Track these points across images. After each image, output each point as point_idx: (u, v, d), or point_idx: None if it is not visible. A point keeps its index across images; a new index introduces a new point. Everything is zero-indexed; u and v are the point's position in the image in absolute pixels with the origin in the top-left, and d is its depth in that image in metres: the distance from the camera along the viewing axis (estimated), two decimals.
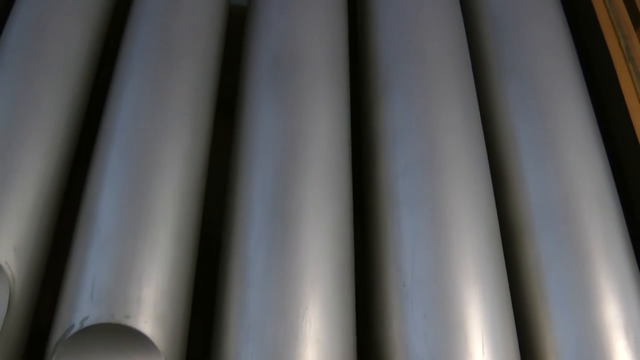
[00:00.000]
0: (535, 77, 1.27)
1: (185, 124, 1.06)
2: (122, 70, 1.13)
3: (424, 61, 1.20)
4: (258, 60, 1.17)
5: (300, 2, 1.26)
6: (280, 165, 1.02)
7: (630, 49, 1.45)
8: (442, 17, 1.30)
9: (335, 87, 1.16)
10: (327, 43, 1.20)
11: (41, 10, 1.17)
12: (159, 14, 1.19)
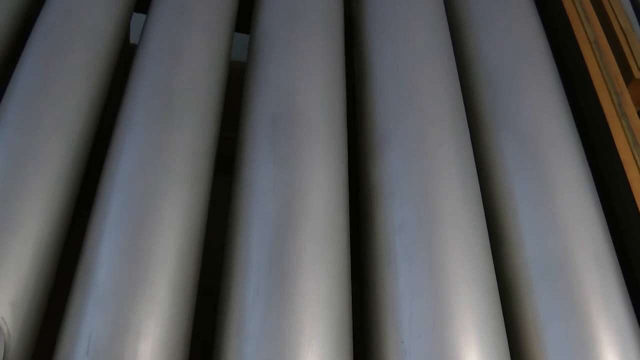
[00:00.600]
0: (530, 132, 1.29)
1: (185, 178, 1.07)
2: (123, 124, 1.15)
3: (420, 118, 1.22)
4: (257, 116, 1.19)
5: (299, 59, 1.28)
6: (278, 220, 1.03)
7: (623, 105, 1.48)
8: (438, 76, 1.32)
9: (332, 143, 1.18)
10: (325, 100, 1.22)
11: (44, 67, 1.18)
12: (161, 69, 1.21)
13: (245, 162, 1.14)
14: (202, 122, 1.17)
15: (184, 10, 1.34)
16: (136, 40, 1.53)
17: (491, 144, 1.31)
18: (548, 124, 1.31)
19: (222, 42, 1.35)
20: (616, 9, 1.86)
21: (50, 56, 1.20)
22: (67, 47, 1.23)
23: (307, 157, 1.11)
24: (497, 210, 1.24)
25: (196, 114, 1.17)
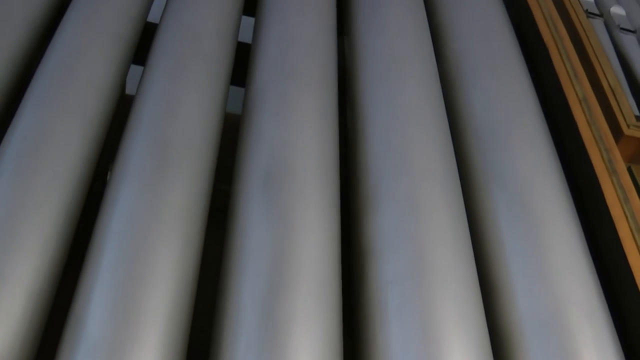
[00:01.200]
0: (522, 189, 1.30)
1: (178, 231, 1.08)
2: (118, 176, 1.15)
3: (412, 175, 1.23)
4: (251, 171, 1.20)
5: (293, 115, 1.30)
6: (270, 275, 1.03)
7: (613, 161, 1.49)
8: (430, 134, 1.34)
9: (325, 199, 1.18)
10: (318, 156, 1.23)
11: (42, 118, 1.20)
12: (157, 122, 1.23)
13: (238, 216, 1.14)
14: (197, 176, 1.17)
15: (180, 64, 1.36)
16: (131, 90, 1.55)
17: (483, 201, 1.32)
18: (539, 180, 1.32)
19: (218, 95, 1.37)
20: (604, 67, 1.89)
21: (49, 108, 1.22)
22: (65, 100, 1.24)
23: (300, 214, 1.12)
24: (489, 266, 1.24)
25: (191, 167, 1.17)
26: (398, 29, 1.62)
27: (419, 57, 1.55)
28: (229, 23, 1.56)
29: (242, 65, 1.56)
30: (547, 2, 2.00)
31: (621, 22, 2.25)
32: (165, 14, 1.55)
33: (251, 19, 1.75)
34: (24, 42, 1.43)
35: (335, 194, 1.23)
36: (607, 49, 2.09)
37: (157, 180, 1.12)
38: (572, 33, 2.02)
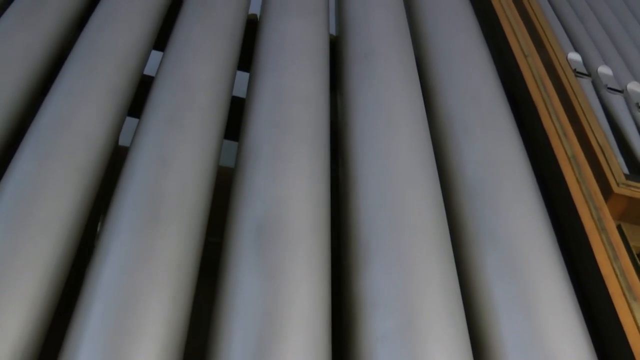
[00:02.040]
0: (512, 245, 1.30)
1: (168, 285, 1.07)
2: (109, 229, 1.15)
3: (403, 230, 1.24)
4: (243, 224, 1.20)
5: (286, 170, 1.31)
6: (261, 329, 1.02)
7: (602, 219, 1.50)
8: (421, 189, 1.35)
9: (317, 254, 1.19)
10: (310, 211, 1.24)
11: (36, 169, 1.20)
12: (150, 175, 1.23)
13: (229, 270, 1.14)
14: (189, 229, 1.18)
15: (174, 117, 1.38)
16: (124, 142, 1.56)
17: (474, 257, 1.33)
18: (530, 238, 1.33)
19: (212, 149, 1.38)
20: (593, 126, 1.92)
21: (43, 158, 1.23)
22: (59, 151, 1.25)
23: (291, 268, 1.12)
24: (480, 323, 1.24)
25: (183, 221, 1.18)
26: (388, 84, 1.64)
27: (410, 113, 1.57)
28: (223, 78, 1.58)
29: (236, 119, 1.58)
30: (536, 62, 2.04)
31: (608, 82, 2.29)
32: (161, 67, 1.57)
33: (246, 74, 1.78)
34: (23, 92, 1.45)
35: (326, 249, 1.23)
36: (595, 108, 2.12)
37: (149, 233, 1.12)
38: (561, 92, 2.06)
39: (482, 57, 1.93)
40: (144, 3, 1.76)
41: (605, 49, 2.55)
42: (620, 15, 2.94)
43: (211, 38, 1.67)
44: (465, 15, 2.14)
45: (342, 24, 1.99)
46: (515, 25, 2.21)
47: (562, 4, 2.84)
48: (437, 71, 1.85)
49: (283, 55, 1.67)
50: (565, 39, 2.52)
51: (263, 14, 1.93)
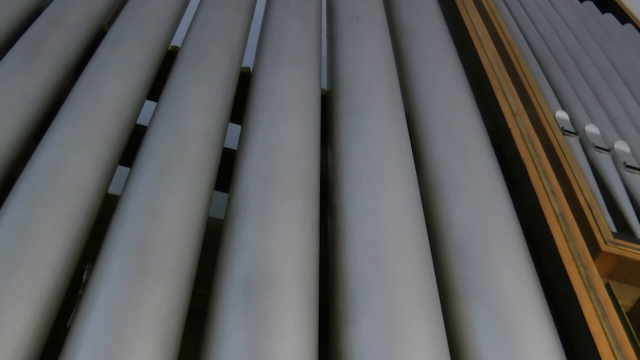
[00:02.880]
0: (500, 303, 1.30)
1: (155, 336, 1.06)
2: (97, 278, 1.14)
3: (391, 285, 1.24)
4: (230, 276, 1.20)
5: (275, 223, 1.31)
6: None
7: (590, 278, 1.51)
8: (410, 244, 1.35)
9: (304, 308, 1.18)
10: (298, 264, 1.24)
11: (25, 216, 1.20)
12: (139, 226, 1.23)
13: (216, 322, 1.13)
14: (177, 280, 1.17)
15: (166, 167, 1.38)
16: (115, 189, 1.56)
17: (462, 314, 1.32)
18: (518, 295, 1.32)
19: (202, 200, 1.38)
20: (581, 184, 1.94)
21: (34, 205, 1.22)
22: (50, 198, 1.25)
23: (278, 322, 1.11)
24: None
25: (171, 271, 1.17)
26: (379, 138, 1.66)
27: (400, 168, 1.58)
28: (215, 129, 1.59)
29: (227, 171, 1.58)
30: (524, 121, 2.06)
31: (596, 141, 2.32)
32: (154, 117, 1.58)
33: (238, 126, 1.79)
34: (17, 137, 1.45)
35: (314, 302, 1.22)
36: (583, 166, 2.14)
37: (137, 282, 1.12)
38: (549, 151, 2.08)
39: (471, 113, 1.95)
40: (139, 54, 1.78)
41: (592, 107, 2.59)
42: (606, 74, 3.00)
43: (205, 90, 1.69)
44: (456, 71, 2.18)
45: (333, 78, 2.02)
46: (504, 84, 2.24)
47: (550, 62, 2.89)
48: (427, 126, 1.87)
49: (274, 108, 1.69)
50: (552, 98, 2.56)
51: (256, 67, 1.95)
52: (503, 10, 3.35)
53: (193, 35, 1.96)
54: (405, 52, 2.30)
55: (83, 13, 1.95)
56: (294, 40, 2.06)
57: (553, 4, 3.75)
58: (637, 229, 1.93)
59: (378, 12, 2.49)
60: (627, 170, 2.19)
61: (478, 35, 2.52)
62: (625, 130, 2.51)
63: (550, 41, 3.15)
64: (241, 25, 2.13)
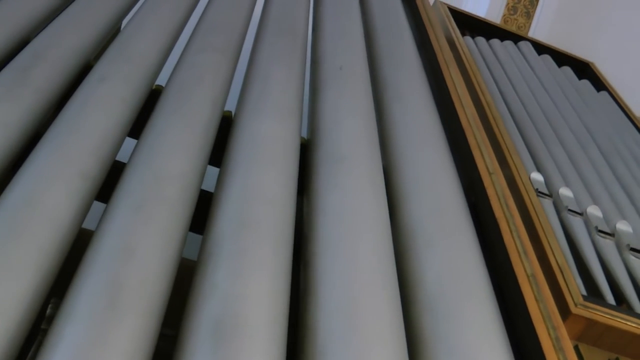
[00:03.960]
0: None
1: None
2: (64, 315, 1.13)
3: (361, 338, 1.24)
4: (200, 319, 1.19)
5: (248, 266, 1.31)
6: None
7: (560, 339, 1.51)
8: (381, 299, 1.35)
9: (273, 352, 1.18)
10: (269, 312, 1.24)
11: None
12: (112, 264, 1.22)
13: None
14: (146, 322, 1.16)
15: (142, 206, 1.38)
16: (89, 225, 1.55)
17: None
18: (488, 353, 1.33)
19: (176, 242, 1.38)
20: (553, 246, 1.96)
21: (6, 238, 1.21)
22: (23, 232, 1.24)
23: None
24: None
25: (141, 312, 1.16)
26: (355, 191, 1.67)
27: (375, 221, 1.59)
28: (194, 171, 1.59)
29: (203, 213, 1.58)
30: (500, 180, 2.09)
31: (569, 204, 2.35)
32: (134, 156, 1.58)
33: (216, 169, 1.79)
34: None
35: (282, 351, 1.22)
36: (556, 228, 2.17)
37: (105, 321, 1.10)
38: (523, 211, 2.10)
39: (448, 171, 1.97)
40: (123, 91, 1.79)
41: (566, 171, 2.64)
42: (582, 139, 3.06)
43: (185, 131, 1.69)
44: (435, 129, 2.20)
45: (314, 127, 2.04)
46: (481, 143, 2.27)
47: (527, 125, 2.95)
48: (404, 181, 1.89)
49: (254, 154, 1.69)
50: (528, 159, 2.60)
51: (238, 112, 1.96)
52: (484, 72, 3.42)
53: (178, 76, 1.97)
54: (386, 106, 2.33)
55: (70, 47, 1.96)
56: (277, 88, 2.08)
57: (532, 68, 3.83)
58: (607, 293, 1.95)
59: (361, 64, 2.52)
60: (599, 234, 2.22)
61: (458, 95, 2.57)
62: (598, 195, 2.55)
63: (529, 104, 3.21)
64: (226, 69, 2.15)
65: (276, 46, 2.39)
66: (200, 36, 2.29)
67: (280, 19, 2.66)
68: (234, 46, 2.37)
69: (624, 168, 2.91)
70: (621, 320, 1.79)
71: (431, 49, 3.06)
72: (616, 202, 2.57)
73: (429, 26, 3.26)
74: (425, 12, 3.43)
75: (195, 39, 2.28)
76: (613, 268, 2.09)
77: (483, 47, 3.87)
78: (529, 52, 4.07)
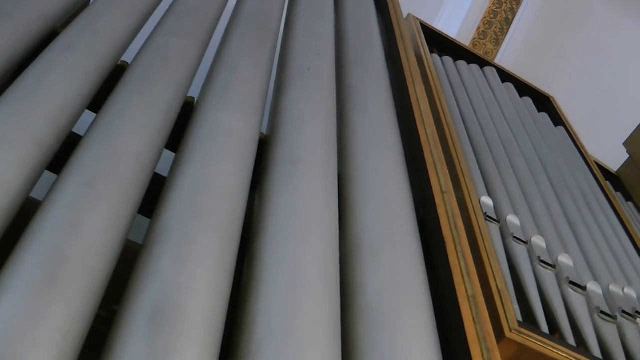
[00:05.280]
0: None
1: (51, 352, 1.02)
2: (2, 282, 1.10)
3: (298, 341, 1.24)
4: (139, 303, 1.17)
5: (193, 255, 1.30)
6: None
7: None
8: (320, 305, 1.36)
9: (209, 344, 1.17)
10: (209, 302, 1.23)
11: None
12: (56, 234, 1.19)
13: (116, 347, 1.10)
14: (83, 298, 1.13)
15: (93, 184, 1.35)
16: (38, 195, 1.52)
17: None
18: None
19: (123, 222, 1.36)
20: (495, 270, 1.99)
21: None
22: None
23: (180, 356, 1.09)
24: None
25: (80, 290, 1.14)
26: (308, 194, 1.67)
27: (324, 226, 1.59)
28: (150, 154, 1.57)
29: (154, 196, 1.56)
30: (451, 200, 2.11)
31: (515, 231, 2.40)
32: (91, 130, 1.56)
33: (172, 154, 1.78)
34: None
35: (218, 343, 1.21)
36: (499, 253, 2.20)
37: (42, 295, 1.08)
38: (470, 233, 2.13)
39: (401, 183, 1.99)
40: (87, 64, 1.75)
41: (516, 199, 2.69)
42: (534, 170, 3.12)
43: (146, 112, 1.67)
44: (394, 141, 2.22)
45: (274, 125, 2.03)
46: (437, 162, 2.30)
47: (483, 149, 2.99)
48: (357, 189, 1.89)
49: (212, 145, 1.68)
50: (480, 183, 2.64)
51: (201, 99, 1.95)
52: (447, 92, 3.47)
53: (145, 56, 1.95)
54: (348, 113, 2.34)
55: (38, 10, 1.92)
56: (242, 81, 2.07)
57: (495, 94, 3.90)
58: (542, 321, 1.99)
59: (329, 69, 2.53)
60: (541, 264, 2.27)
61: (421, 111, 2.59)
62: (544, 226, 2.60)
63: (487, 129, 3.26)
64: (194, 55, 2.13)
65: (247, 39, 2.38)
66: (172, 19, 2.27)
67: (253, 13, 2.65)
68: (205, 33, 2.35)
69: (571, 203, 2.97)
70: (552, 349, 1.83)
71: (399, 61, 3.08)
72: (560, 236, 2.62)
73: (399, 39, 3.28)
74: (397, 24, 3.45)
75: (167, 21, 2.26)
76: (551, 298, 2.14)
77: (449, 67, 3.92)
78: (493, 78, 4.14)
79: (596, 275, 2.50)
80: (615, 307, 2.34)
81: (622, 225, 3.20)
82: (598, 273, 2.52)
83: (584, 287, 2.33)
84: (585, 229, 2.81)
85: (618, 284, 2.51)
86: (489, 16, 6.39)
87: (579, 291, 2.28)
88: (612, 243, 2.91)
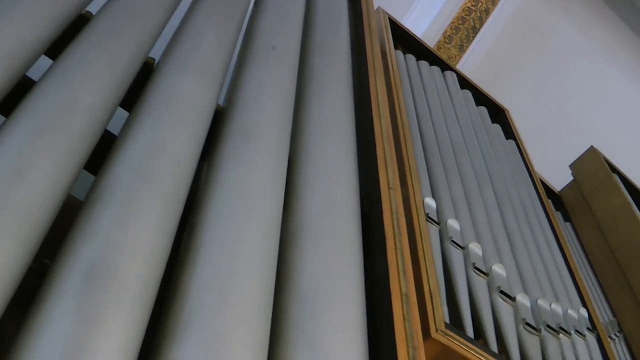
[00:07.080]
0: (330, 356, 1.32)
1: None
2: None
3: (227, 317, 1.24)
4: (74, 261, 1.15)
5: (134, 218, 1.29)
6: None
7: (417, 359, 1.56)
8: (253, 283, 1.35)
9: (139, 309, 1.16)
10: (147, 266, 1.22)
11: None
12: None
13: (45, 303, 1.08)
14: (19, 249, 1.11)
15: (42, 133, 1.32)
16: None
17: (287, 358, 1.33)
18: (346, 356, 1.35)
19: (68, 176, 1.33)
20: (429, 270, 2.02)
21: None
22: None
23: (110, 320, 1.08)
24: None
25: (17, 238, 1.11)
26: (258, 171, 1.66)
27: (269, 206, 1.59)
28: (104, 110, 1.54)
29: (102, 154, 1.53)
30: (397, 197, 2.13)
31: (453, 236, 2.43)
32: (45, 77, 1.52)
33: (126, 113, 1.75)
34: None
35: (149, 310, 1.20)
36: (435, 255, 2.24)
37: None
38: (410, 231, 2.16)
39: (349, 175, 2.00)
40: (48, 7, 1.70)
41: (459, 204, 2.73)
42: (480, 179, 3.17)
43: (105, 67, 1.63)
44: (347, 132, 2.23)
45: (232, 98, 2.02)
46: (388, 158, 2.31)
47: (433, 151, 3.03)
48: (304, 173, 1.90)
49: (167, 109, 1.66)
50: (426, 184, 2.67)
51: (161, 62, 1.92)
52: (406, 90, 3.49)
53: (110, 10, 1.90)
54: (307, 97, 2.34)
55: None
56: (206, 49, 2.05)
57: (452, 99, 3.94)
58: (469, 326, 2.03)
59: (294, 50, 2.52)
60: (474, 271, 2.31)
61: (378, 104, 2.61)
62: (482, 234, 2.65)
63: (440, 132, 3.30)
64: (160, 17, 2.09)
65: (215, 8, 2.35)
66: None
67: None
68: None
69: (512, 216, 3.03)
70: (475, 354, 1.87)
71: (364, 53, 3.09)
72: (497, 245, 2.68)
73: (367, 30, 3.28)
74: (367, 16, 3.45)
75: None
76: (480, 305, 2.18)
77: (411, 66, 3.95)
78: (453, 84, 4.18)
79: (527, 288, 2.57)
80: (541, 320, 2.40)
81: (558, 243, 3.28)
82: (529, 286, 2.58)
83: (513, 298, 2.39)
84: (522, 242, 2.87)
85: (546, 298, 2.58)
86: (457, 22, 6.45)
87: (508, 301, 2.34)
88: (546, 259, 2.98)
